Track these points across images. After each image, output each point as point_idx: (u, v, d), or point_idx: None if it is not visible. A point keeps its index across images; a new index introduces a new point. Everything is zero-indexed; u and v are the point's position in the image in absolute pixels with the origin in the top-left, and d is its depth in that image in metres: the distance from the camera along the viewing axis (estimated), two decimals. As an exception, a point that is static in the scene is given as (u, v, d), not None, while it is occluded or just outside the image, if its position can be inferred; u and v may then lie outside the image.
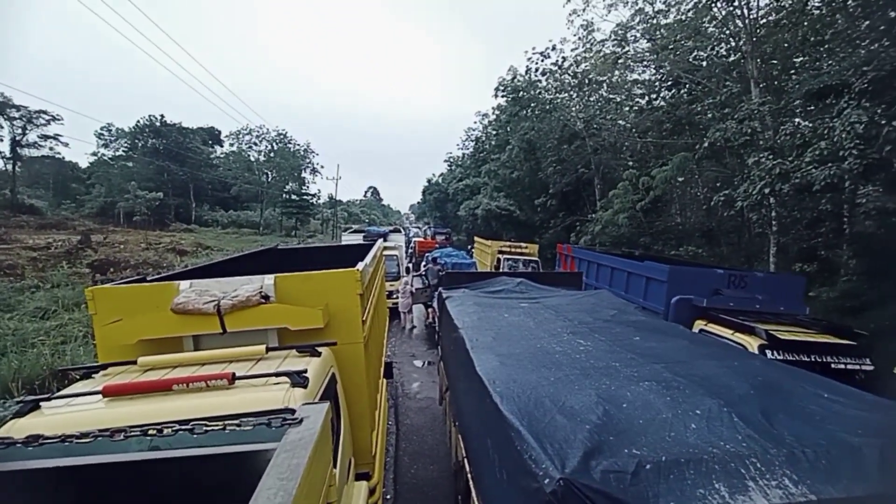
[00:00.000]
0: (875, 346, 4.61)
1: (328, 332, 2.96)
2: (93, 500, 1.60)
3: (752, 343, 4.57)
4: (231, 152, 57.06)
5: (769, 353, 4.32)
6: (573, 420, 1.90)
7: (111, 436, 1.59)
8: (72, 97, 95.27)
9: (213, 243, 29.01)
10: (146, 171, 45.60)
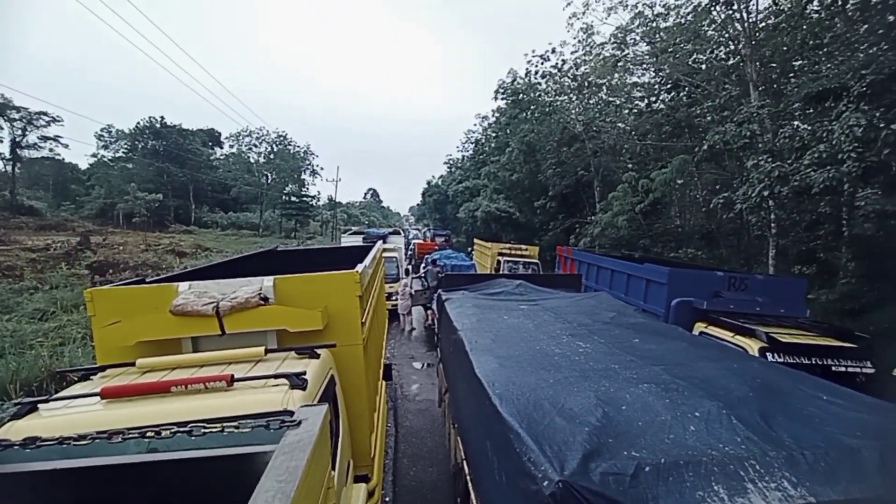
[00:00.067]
0: (874, 349, 4.60)
1: (327, 333, 2.96)
2: (91, 502, 1.59)
3: (753, 346, 4.54)
4: (231, 154, 57.14)
5: (770, 356, 4.29)
6: (572, 422, 1.89)
7: (109, 438, 1.59)
8: (71, 97, 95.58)
9: (212, 245, 28.99)
10: (146, 172, 45.59)
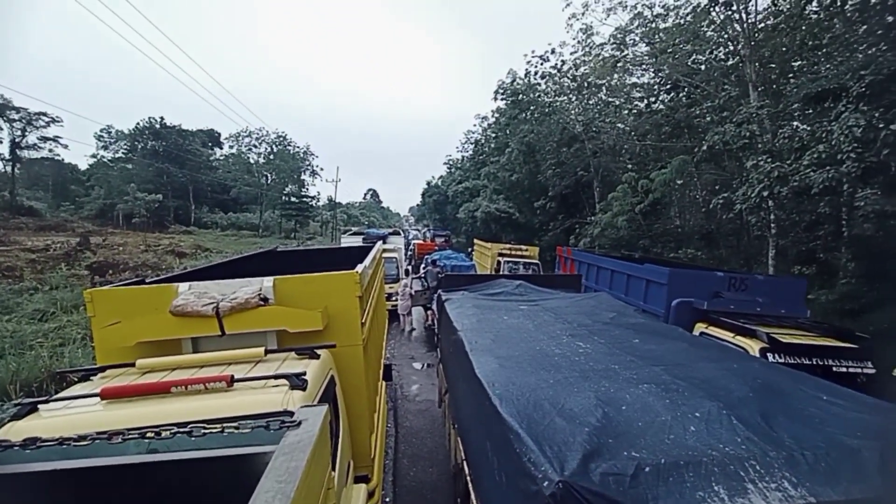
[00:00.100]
0: (874, 349, 4.60)
1: (327, 334, 2.96)
2: (91, 502, 1.59)
3: (754, 346, 4.53)
4: (231, 154, 57.12)
5: (770, 357, 4.28)
6: (572, 422, 1.89)
7: (109, 438, 1.59)
8: (71, 98, 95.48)
9: (212, 245, 28.99)
10: (146, 173, 45.57)
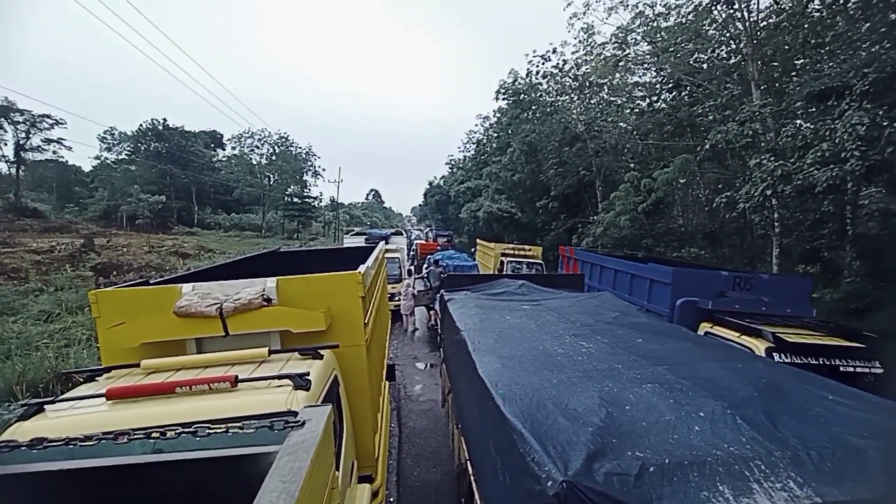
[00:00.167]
0: (882, 348, 4.57)
1: (330, 334, 2.97)
2: (96, 502, 1.60)
3: (759, 346, 4.50)
4: (233, 155, 57.31)
5: (776, 356, 4.24)
6: (576, 422, 1.89)
7: (114, 438, 1.60)
8: (72, 98, 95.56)
9: (215, 246, 29.10)
10: (149, 174, 45.78)
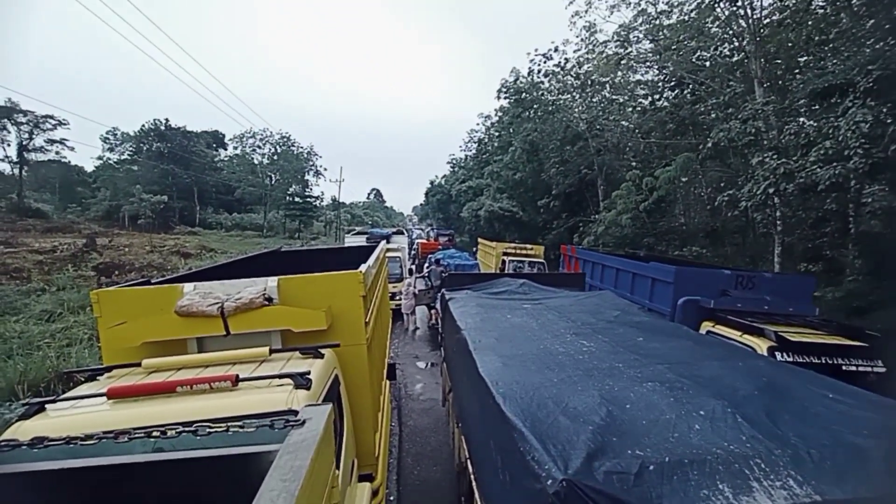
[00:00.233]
0: (884, 347, 4.54)
1: (331, 333, 2.97)
2: (97, 501, 1.61)
3: (762, 345, 4.47)
4: (235, 155, 57.38)
5: (779, 355, 4.21)
6: (576, 421, 1.89)
7: (115, 438, 1.61)
8: (72, 98, 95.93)
9: (217, 246, 29.16)
10: (151, 174, 45.89)
